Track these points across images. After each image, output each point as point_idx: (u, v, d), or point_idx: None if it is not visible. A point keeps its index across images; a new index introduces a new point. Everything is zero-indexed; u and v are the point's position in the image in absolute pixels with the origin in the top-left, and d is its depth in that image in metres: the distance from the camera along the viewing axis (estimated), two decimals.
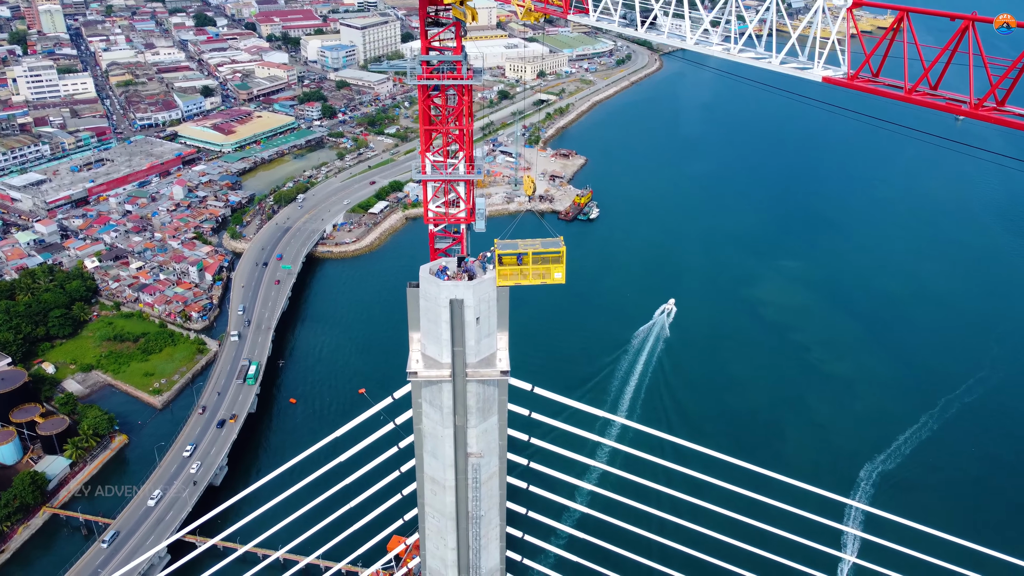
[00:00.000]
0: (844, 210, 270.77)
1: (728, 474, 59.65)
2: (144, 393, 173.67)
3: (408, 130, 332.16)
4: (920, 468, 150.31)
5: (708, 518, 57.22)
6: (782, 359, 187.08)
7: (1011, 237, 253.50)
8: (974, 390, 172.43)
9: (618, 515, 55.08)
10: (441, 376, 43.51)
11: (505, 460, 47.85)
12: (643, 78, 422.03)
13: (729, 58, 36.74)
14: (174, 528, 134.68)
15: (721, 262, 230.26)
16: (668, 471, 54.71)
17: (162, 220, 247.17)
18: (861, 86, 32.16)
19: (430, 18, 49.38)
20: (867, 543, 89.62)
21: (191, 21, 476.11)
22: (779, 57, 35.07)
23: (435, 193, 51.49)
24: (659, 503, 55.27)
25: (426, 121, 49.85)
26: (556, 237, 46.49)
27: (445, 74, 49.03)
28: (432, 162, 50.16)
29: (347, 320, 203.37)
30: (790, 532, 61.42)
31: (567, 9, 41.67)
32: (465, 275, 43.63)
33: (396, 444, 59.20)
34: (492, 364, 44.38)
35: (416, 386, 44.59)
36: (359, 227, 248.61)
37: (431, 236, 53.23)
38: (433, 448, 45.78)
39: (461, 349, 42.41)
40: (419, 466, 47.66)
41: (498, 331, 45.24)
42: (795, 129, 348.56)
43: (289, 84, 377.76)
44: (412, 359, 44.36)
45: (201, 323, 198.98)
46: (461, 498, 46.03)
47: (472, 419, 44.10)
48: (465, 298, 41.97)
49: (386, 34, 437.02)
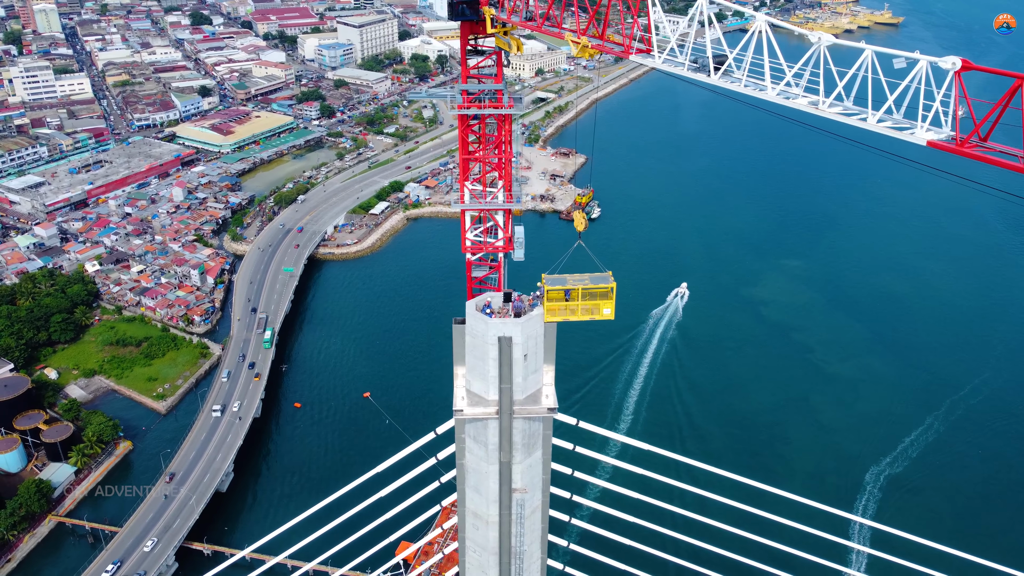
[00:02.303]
0: (846, 208, 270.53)
1: (742, 493, 59.23)
2: (148, 398, 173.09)
3: (407, 129, 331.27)
4: (926, 471, 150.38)
5: (735, 540, 56.93)
6: (785, 359, 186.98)
7: (1013, 234, 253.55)
8: (979, 391, 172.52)
9: (655, 544, 54.86)
10: (487, 414, 43.10)
11: (548, 494, 47.54)
12: (641, 75, 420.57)
13: (817, 113, 35.24)
14: (182, 535, 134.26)
15: (723, 261, 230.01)
16: (703, 499, 54.51)
17: (162, 222, 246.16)
18: (971, 153, 30.52)
19: (471, 46, 48.78)
20: (874, 558, 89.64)
21: (187, 20, 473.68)
22: (876, 116, 33.59)
23: (473, 222, 50.92)
24: (700, 533, 55.01)
25: (465, 150, 49.28)
26: (605, 272, 46.01)
27: (486, 103, 48.43)
28: (471, 191, 49.64)
29: (350, 323, 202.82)
30: (796, 548, 61.09)
31: (628, 50, 40.63)
32: (510, 310, 43.21)
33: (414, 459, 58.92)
34: (538, 400, 43.99)
35: (460, 423, 44.18)
36: (360, 228, 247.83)
37: (468, 265, 52.63)
38: (476, 483, 45.44)
39: (508, 386, 41.98)
40: (460, 501, 47.31)
41: (544, 365, 44.86)
42: (795, 125, 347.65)
43: (287, 83, 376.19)
44: (457, 395, 43.87)
45: (204, 327, 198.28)
46: (504, 533, 45.72)
47: (517, 455, 43.82)
48: (514, 335, 41.47)
49: (383, 32, 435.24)
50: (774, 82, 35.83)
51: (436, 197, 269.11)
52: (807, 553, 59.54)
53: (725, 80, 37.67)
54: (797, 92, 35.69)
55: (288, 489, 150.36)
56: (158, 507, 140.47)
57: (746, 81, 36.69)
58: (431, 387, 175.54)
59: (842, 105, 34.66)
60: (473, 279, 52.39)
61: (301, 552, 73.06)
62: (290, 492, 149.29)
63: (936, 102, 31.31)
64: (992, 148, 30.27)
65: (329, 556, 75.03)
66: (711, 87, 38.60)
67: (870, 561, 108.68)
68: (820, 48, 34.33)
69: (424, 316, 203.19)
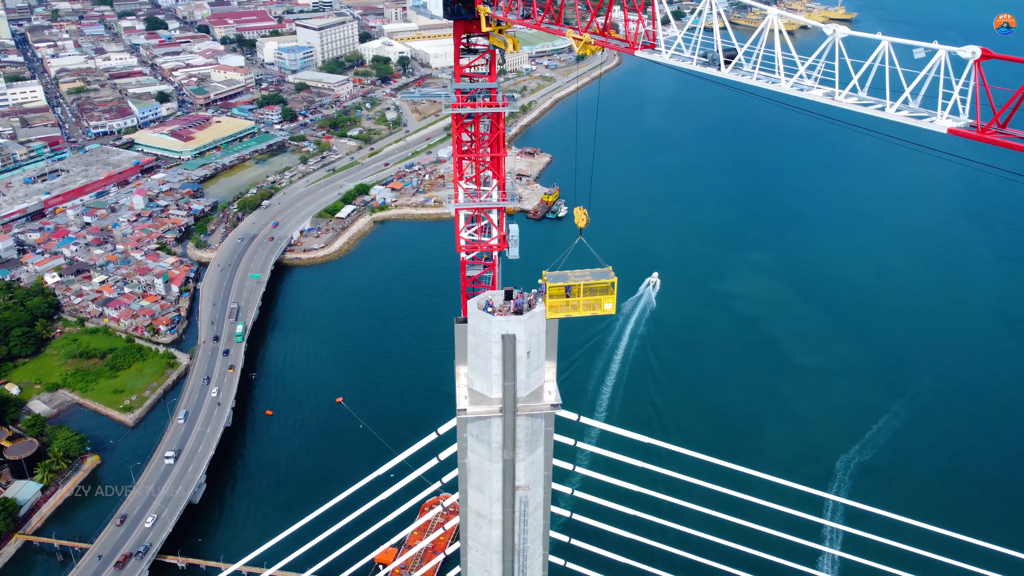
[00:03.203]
0: (811, 201, 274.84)
1: (734, 481, 59.81)
2: (114, 411, 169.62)
3: (371, 132, 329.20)
4: (895, 456, 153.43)
5: (729, 528, 57.52)
6: (756, 351, 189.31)
7: (971, 225, 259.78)
8: (943, 377, 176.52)
9: (656, 536, 55.18)
10: (491, 412, 42.99)
11: (550, 491, 47.54)
12: (603, 74, 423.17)
13: (833, 104, 35.30)
14: (156, 550, 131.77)
15: (692, 256, 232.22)
16: (706, 491, 55.01)
17: (123, 231, 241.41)
18: (993, 139, 30.97)
19: (464, 45, 48.40)
20: (847, 535, 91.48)
21: (142, 24, 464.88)
22: (895, 105, 33.66)
23: (467, 221, 50.62)
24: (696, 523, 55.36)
25: (459, 149, 48.96)
26: (605, 267, 46.12)
27: (480, 101, 48.09)
28: (464, 190, 49.28)
29: (319, 329, 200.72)
30: (772, 528, 61.85)
31: (634, 46, 40.42)
32: (511, 308, 43.09)
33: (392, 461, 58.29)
34: (541, 397, 44.10)
35: (462, 422, 43.99)
36: (327, 232, 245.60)
37: (462, 264, 52.32)
38: (479, 483, 45.25)
39: (511, 384, 41.91)
40: (462, 500, 47.08)
41: (546, 362, 44.91)
42: (759, 121, 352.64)
43: (247, 87, 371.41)
44: (460, 395, 43.66)
45: (170, 336, 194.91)
46: (507, 531, 45.65)
47: (520, 452, 43.77)
48: (517, 333, 41.41)
49: (344, 35, 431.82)
50: (788, 75, 35.99)
51: (403, 199, 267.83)
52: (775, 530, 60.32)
53: (736, 74, 37.77)
54: (811, 84, 35.85)
55: (262, 498, 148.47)
56: (130, 522, 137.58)
57: (758, 74, 36.79)
58: (405, 390, 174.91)
59: (857, 96, 34.86)
60: (467, 278, 52.12)
61: (274, 560, 71.71)
62: (264, 501, 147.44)
63: (955, 91, 31.78)
64: (1012, 134, 30.83)
65: (307, 565, 73.86)
66: (722, 81, 38.70)
67: (845, 537, 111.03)
68: (835, 40, 34.63)
69: (395, 319, 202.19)
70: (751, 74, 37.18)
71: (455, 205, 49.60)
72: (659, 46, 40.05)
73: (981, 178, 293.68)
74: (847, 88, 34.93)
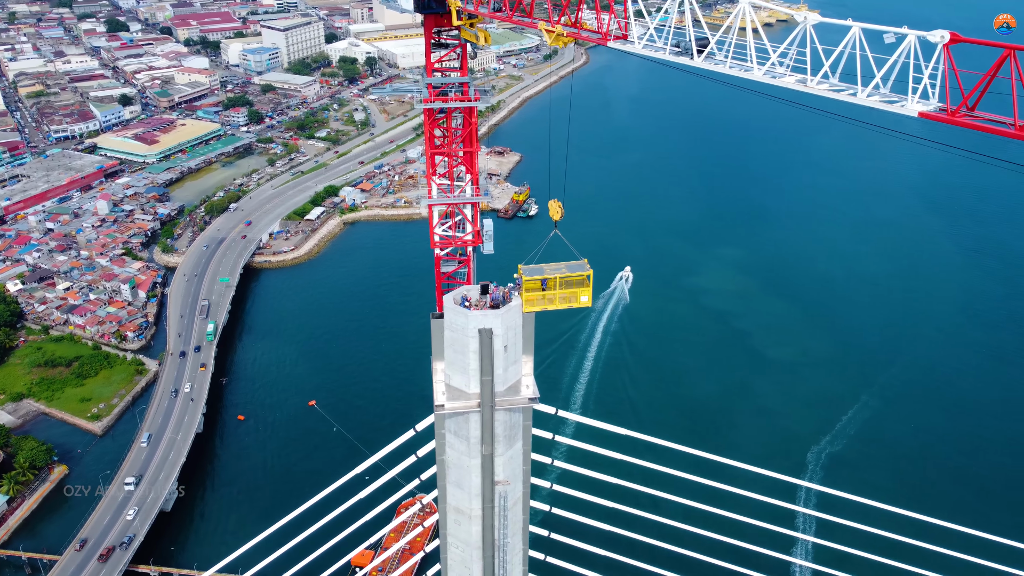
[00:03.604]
0: (776, 196, 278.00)
1: (700, 468, 60.31)
2: (82, 420, 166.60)
3: (339, 133, 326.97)
4: (865, 445, 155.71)
5: (706, 517, 58.08)
6: (727, 345, 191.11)
7: (932, 216, 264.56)
8: (910, 367, 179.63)
9: (635, 528, 55.39)
10: (469, 407, 42.74)
11: (529, 485, 47.39)
12: (571, 72, 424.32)
13: (805, 90, 35.52)
14: (127, 559, 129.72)
15: (662, 252, 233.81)
16: (683, 481, 55.43)
17: (88, 237, 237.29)
18: (963, 122, 31.52)
19: (435, 39, 48.11)
20: (820, 521, 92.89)
21: (102, 27, 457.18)
22: (866, 91, 34.05)
23: (441, 217, 50.34)
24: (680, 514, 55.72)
25: (432, 144, 48.66)
26: (581, 260, 46.11)
27: (452, 96, 47.85)
28: (438, 186, 49.05)
29: (290, 332, 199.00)
30: (747, 516, 62.59)
31: (606, 37, 40.37)
32: (488, 302, 42.85)
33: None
34: (519, 391, 43.95)
35: (440, 418, 43.70)
36: (296, 235, 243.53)
37: (437, 260, 51.99)
38: (458, 479, 45.01)
39: (489, 378, 41.73)
40: (442, 497, 46.78)
41: (524, 356, 44.77)
42: (723, 117, 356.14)
43: (212, 90, 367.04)
44: (437, 391, 43.34)
45: (138, 343, 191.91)
46: (487, 527, 45.50)
47: (499, 447, 43.59)
48: (494, 327, 41.22)
49: (310, 35, 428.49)
50: (760, 62, 36.23)
51: (373, 200, 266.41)
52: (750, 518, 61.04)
53: (709, 63, 37.96)
54: (783, 72, 36.14)
55: (236, 503, 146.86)
56: (100, 531, 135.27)
57: (731, 63, 37.03)
58: (378, 391, 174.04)
59: (829, 82, 35.21)
60: (442, 274, 51.85)
61: (248, 566, 70.85)
62: (238, 506, 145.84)
63: (925, 75, 32.24)
64: (981, 116, 31.41)
65: (283, 569, 73.07)
66: (695, 70, 38.93)
67: (818, 523, 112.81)
68: (806, 27, 34.95)
69: (367, 320, 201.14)
70: (723, 63, 37.42)
71: (428, 201, 49.38)
72: (631, 37, 40.11)
73: (942, 171, 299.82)
74: (819, 75, 35.30)
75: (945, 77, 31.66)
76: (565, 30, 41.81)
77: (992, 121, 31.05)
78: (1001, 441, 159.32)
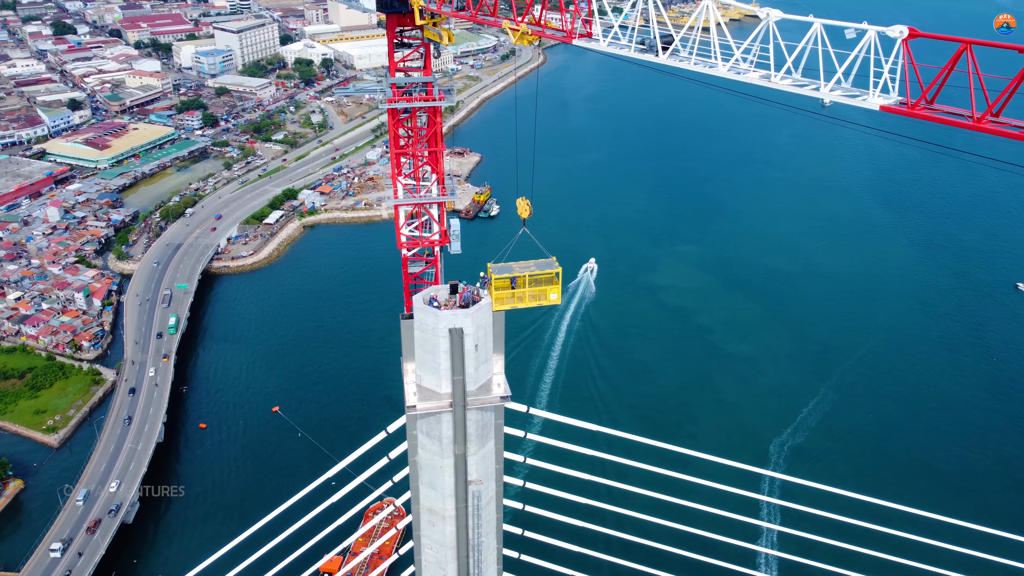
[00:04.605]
0: (731, 192, 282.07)
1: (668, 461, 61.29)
2: (37, 432, 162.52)
3: (296, 135, 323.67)
4: (825, 437, 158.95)
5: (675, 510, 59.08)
6: (687, 341, 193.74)
7: (881, 210, 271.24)
8: (866, 359, 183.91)
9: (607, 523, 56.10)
10: (441, 407, 42.85)
11: (502, 484, 47.61)
12: (528, 72, 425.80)
13: (769, 86, 36.12)
14: (89, 573, 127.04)
15: (621, 250, 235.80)
16: (652, 475, 56.35)
17: (38, 245, 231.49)
18: (923, 114, 32.36)
19: (397, 39, 48.00)
20: (785, 509, 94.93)
21: (48, 29, 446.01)
22: (828, 86, 34.82)
23: (407, 218, 50.29)
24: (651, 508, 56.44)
25: (396, 144, 48.55)
26: (549, 258, 46.50)
27: (416, 96, 47.81)
28: (404, 186, 49.01)
29: (252, 337, 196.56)
30: (715, 507, 63.77)
31: (571, 35, 40.60)
32: (457, 302, 43.04)
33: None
34: (490, 390, 44.16)
35: (411, 419, 43.71)
36: (255, 239, 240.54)
37: (404, 261, 51.86)
38: (431, 479, 45.06)
39: (461, 378, 41.89)
40: (415, 498, 46.77)
41: (494, 355, 44.99)
42: (677, 117, 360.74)
43: (164, 93, 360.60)
44: (408, 392, 43.32)
45: (94, 352, 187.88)
46: (460, 527, 45.67)
47: (471, 446, 43.75)
48: (464, 326, 41.39)
49: (264, 37, 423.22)
50: (724, 59, 36.88)
51: (332, 203, 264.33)
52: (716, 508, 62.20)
53: (674, 59, 38.43)
54: (747, 68, 36.82)
55: (200, 514, 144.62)
56: (60, 547, 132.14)
57: (696, 59, 37.61)
58: (342, 395, 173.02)
59: (792, 78, 35.94)
60: (409, 275, 51.80)
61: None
62: (202, 516, 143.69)
63: (885, 69, 33.16)
64: (940, 109, 32.44)
65: None
66: (659, 67, 39.50)
67: (782, 512, 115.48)
68: (769, 23, 35.69)
69: (329, 324, 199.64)
70: (688, 59, 38.03)
71: (394, 201, 49.38)
72: (595, 34, 40.54)
73: (892, 167, 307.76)
74: (782, 70, 36.09)
75: (905, 71, 32.63)
76: (530, 28, 42.04)
77: (950, 114, 32.14)
78: (952, 429, 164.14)
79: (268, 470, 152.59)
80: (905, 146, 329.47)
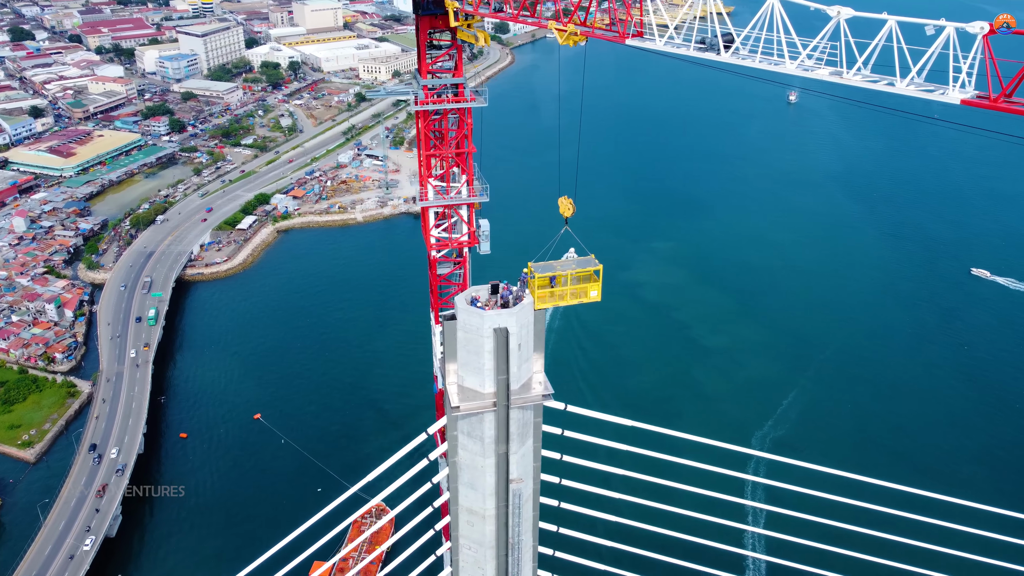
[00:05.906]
0: (704, 189, 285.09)
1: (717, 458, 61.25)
2: (12, 448, 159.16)
3: (266, 139, 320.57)
4: (806, 428, 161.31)
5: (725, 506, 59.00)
6: (666, 337, 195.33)
7: (851, 202, 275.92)
8: (842, 349, 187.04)
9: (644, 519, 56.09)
10: (484, 407, 43.04)
11: (539, 482, 47.90)
12: (497, 73, 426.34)
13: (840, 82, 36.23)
14: None
15: (597, 247, 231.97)
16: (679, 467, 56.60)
17: (5, 256, 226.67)
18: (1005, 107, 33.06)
19: (429, 40, 47.73)
20: (769, 488, 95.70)
21: (5, 35, 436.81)
22: (905, 81, 35.21)
23: (437, 219, 50.19)
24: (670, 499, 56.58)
25: (427, 146, 48.39)
26: (589, 255, 46.57)
27: (448, 97, 47.65)
28: (434, 187, 48.89)
29: (230, 344, 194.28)
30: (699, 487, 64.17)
31: (624, 35, 40.38)
32: (499, 302, 43.07)
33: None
34: (531, 388, 44.42)
35: (453, 420, 43.81)
36: (228, 245, 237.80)
37: (432, 263, 51.72)
38: (471, 479, 45.19)
39: (504, 377, 42.10)
40: (453, 499, 46.86)
41: (535, 353, 45.24)
42: (648, 115, 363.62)
43: (129, 99, 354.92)
44: (451, 392, 43.42)
45: (67, 364, 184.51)
46: (500, 526, 45.92)
47: (512, 445, 44.04)
48: (509, 326, 41.55)
49: (229, 41, 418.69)
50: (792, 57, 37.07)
51: (306, 207, 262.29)
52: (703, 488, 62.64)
53: (736, 57, 38.40)
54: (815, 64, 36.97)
55: (183, 526, 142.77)
56: (42, 560, 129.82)
57: (760, 57, 37.71)
58: (324, 400, 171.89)
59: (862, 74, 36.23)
60: (438, 276, 51.68)
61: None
62: (186, 528, 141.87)
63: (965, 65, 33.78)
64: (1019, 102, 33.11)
65: None
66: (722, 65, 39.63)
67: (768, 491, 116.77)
68: (839, 20, 36.09)
69: (307, 329, 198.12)
70: (753, 57, 38.16)
71: (423, 203, 49.27)
72: (648, 34, 40.39)
73: (859, 160, 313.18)
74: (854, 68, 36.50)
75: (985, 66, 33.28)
76: (579, 29, 41.79)
77: None
78: (924, 415, 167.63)
79: (252, 477, 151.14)
80: (871, 139, 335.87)
